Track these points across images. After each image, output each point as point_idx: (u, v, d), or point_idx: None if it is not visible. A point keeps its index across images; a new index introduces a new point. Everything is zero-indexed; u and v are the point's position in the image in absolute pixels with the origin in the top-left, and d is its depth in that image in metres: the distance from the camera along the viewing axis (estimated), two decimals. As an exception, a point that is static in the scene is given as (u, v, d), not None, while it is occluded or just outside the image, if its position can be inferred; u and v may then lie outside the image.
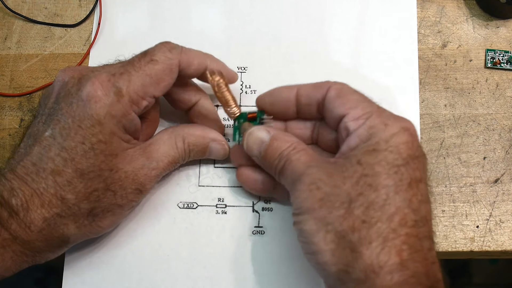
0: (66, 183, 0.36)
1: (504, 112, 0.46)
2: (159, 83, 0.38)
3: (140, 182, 0.38)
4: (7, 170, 0.36)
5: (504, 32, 0.48)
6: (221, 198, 0.44)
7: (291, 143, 0.37)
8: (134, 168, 0.38)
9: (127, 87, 0.37)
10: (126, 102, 0.37)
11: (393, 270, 0.30)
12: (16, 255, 0.36)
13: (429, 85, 0.47)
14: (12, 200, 0.35)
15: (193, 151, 0.41)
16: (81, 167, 0.36)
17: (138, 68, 0.37)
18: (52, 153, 0.36)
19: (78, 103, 0.36)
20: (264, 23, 0.49)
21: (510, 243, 0.43)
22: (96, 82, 0.36)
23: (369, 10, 0.49)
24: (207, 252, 0.42)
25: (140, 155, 0.39)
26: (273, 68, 0.47)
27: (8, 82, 0.48)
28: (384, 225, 0.31)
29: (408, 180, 0.33)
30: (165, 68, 0.38)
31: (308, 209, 0.33)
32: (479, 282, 0.95)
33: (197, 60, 0.40)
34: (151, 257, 0.42)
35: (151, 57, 0.38)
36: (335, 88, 0.38)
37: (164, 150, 0.40)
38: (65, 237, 0.37)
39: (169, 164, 0.40)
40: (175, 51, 0.39)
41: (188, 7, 0.50)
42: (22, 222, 0.35)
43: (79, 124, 0.36)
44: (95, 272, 0.42)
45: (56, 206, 0.36)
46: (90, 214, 0.37)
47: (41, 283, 0.89)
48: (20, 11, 0.50)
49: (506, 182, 0.44)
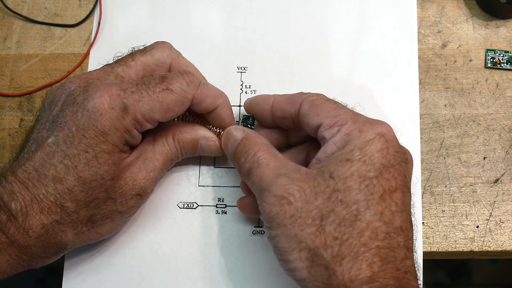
0: (67, 191, 0.36)
1: (504, 112, 0.46)
2: (167, 112, 0.38)
3: (140, 187, 0.38)
4: (8, 172, 0.36)
5: (504, 32, 0.48)
6: (221, 198, 0.44)
7: (261, 145, 0.37)
8: (132, 173, 0.38)
9: (134, 107, 0.36)
10: (130, 120, 0.37)
11: (363, 283, 0.31)
12: (12, 259, 0.36)
13: (429, 85, 0.47)
14: (11, 204, 0.35)
15: (184, 148, 0.41)
16: (83, 176, 0.36)
17: (151, 92, 0.37)
18: (54, 160, 0.36)
19: (83, 113, 0.36)
20: (264, 23, 0.49)
21: (510, 243, 0.43)
22: (105, 94, 0.36)
23: (369, 10, 0.49)
24: (207, 252, 0.42)
25: (135, 159, 0.39)
26: (273, 68, 0.47)
27: (8, 82, 0.48)
28: (355, 240, 0.32)
29: (381, 192, 0.33)
30: (178, 100, 0.38)
31: (279, 225, 0.33)
32: (479, 282, 0.95)
33: (209, 100, 0.40)
34: (151, 257, 0.42)
35: (167, 85, 0.37)
36: (307, 101, 0.38)
37: (157, 149, 0.40)
38: (62, 244, 0.37)
39: (165, 162, 0.40)
40: (192, 86, 0.38)
41: (188, 7, 0.50)
42: (21, 227, 0.35)
43: (83, 133, 0.36)
44: (95, 272, 0.42)
45: (55, 213, 0.36)
46: (89, 221, 0.37)
47: (41, 283, 0.89)
48: (20, 11, 0.50)
49: (506, 182, 0.44)
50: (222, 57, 0.48)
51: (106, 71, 0.39)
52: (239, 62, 0.48)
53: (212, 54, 0.48)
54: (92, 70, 0.40)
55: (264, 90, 0.47)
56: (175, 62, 0.41)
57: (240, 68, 0.48)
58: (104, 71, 0.39)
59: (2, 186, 0.36)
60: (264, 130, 0.42)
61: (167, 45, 0.41)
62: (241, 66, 0.48)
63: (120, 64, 0.39)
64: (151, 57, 0.40)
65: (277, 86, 0.47)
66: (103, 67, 0.40)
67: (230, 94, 0.46)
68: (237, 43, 0.48)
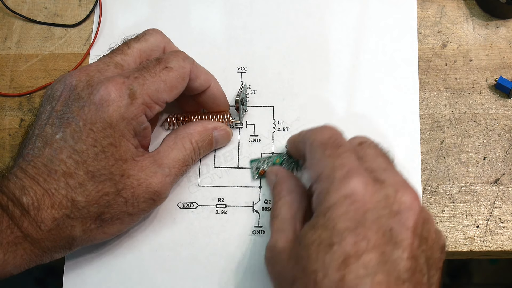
0: (78, 185, 0.36)
1: (504, 112, 0.46)
2: (172, 90, 0.39)
3: (155, 191, 0.38)
4: (16, 169, 0.36)
5: (504, 32, 0.48)
6: (221, 198, 0.44)
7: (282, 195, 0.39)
8: (147, 175, 0.38)
9: (141, 90, 0.37)
10: (139, 104, 0.37)
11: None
12: (26, 253, 0.36)
13: (429, 85, 0.47)
14: (23, 198, 0.35)
15: (202, 147, 0.42)
16: (92, 170, 0.36)
17: (153, 74, 0.38)
18: (63, 156, 0.36)
19: (90, 107, 0.36)
20: (264, 23, 0.49)
21: (510, 243, 0.43)
22: (110, 85, 0.36)
23: (369, 10, 0.49)
24: (207, 252, 0.42)
25: (151, 163, 0.39)
26: (273, 68, 0.47)
27: (8, 82, 0.48)
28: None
29: (342, 257, 0.30)
30: (179, 76, 0.39)
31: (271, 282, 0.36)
32: (479, 282, 0.95)
33: (203, 76, 0.41)
34: (151, 257, 0.42)
35: (165, 64, 0.39)
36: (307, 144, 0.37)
37: (174, 155, 0.40)
38: (71, 239, 0.37)
39: (181, 168, 0.40)
40: (187, 61, 0.40)
41: (188, 7, 0.50)
42: (33, 221, 0.35)
43: (91, 127, 0.36)
44: (95, 272, 0.42)
45: (66, 207, 0.36)
46: (99, 219, 0.37)
47: (41, 283, 0.89)
48: (20, 11, 0.50)
49: (506, 182, 0.44)
50: (222, 57, 0.48)
51: (105, 62, 0.39)
52: (239, 62, 0.48)
53: (212, 54, 0.48)
54: (91, 63, 0.40)
55: (264, 90, 0.47)
56: (168, 47, 0.43)
57: (240, 68, 0.48)
58: (103, 62, 0.39)
59: (12, 182, 0.36)
60: None
61: (158, 31, 0.42)
62: (241, 66, 0.48)
63: (117, 53, 0.40)
64: (145, 42, 0.41)
65: (277, 86, 0.47)
66: (101, 58, 0.40)
67: (230, 94, 0.46)
68: (237, 43, 0.48)
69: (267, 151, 0.45)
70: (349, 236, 0.30)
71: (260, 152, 0.45)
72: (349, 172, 0.32)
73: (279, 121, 0.46)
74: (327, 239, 0.31)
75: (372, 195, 0.32)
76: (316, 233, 0.31)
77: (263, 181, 0.44)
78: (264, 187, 0.44)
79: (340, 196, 0.32)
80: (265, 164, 0.44)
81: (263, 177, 0.44)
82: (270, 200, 0.43)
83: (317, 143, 0.36)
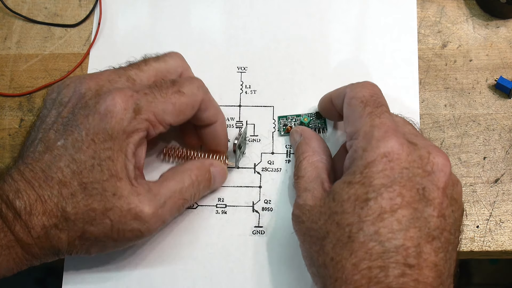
0: (70, 195, 0.35)
1: (504, 112, 0.46)
2: (179, 114, 0.38)
3: (144, 221, 0.36)
4: (14, 170, 0.36)
5: (504, 32, 0.48)
6: (221, 198, 0.44)
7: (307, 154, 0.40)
8: (139, 201, 0.36)
9: (148, 107, 0.37)
10: (143, 120, 0.36)
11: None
12: (18, 257, 0.35)
13: (429, 85, 0.47)
14: (16, 201, 0.35)
15: (201, 182, 0.41)
16: (86, 181, 0.35)
17: (164, 94, 0.37)
18: (62, 163, 0.35)
19: (95, 116, 0.36)
20: (264, 23, 0.49)
21: (510, 243, 0.43)
22: (117, 96, 0.36)
23: (369, 10, 0.49)
24: (207, 252, 0.42)
25: (146, 191, 0.37)
26: (273, 68, 0.47)
27: (8, 82, 0.48)
28: (347, 262, 0.32)
29: (378, 212, 0.32)
30: (189, 103, 0.38)
31: (298, 239, 0.37)
32: (479, 282, 0.95)
33: (213, 110, 0.41)
34: (151, 257, 0.42)
35: (179, 88, 0.38)
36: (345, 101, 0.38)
37: (172, 185, 0.39)
38: (56, 249, 0.36)
39: (177, 200, 0.39)
40: (201, 90, 0.39)
41: (188, 7, 0.50)
42: (25, 225, 0.35)
43: (93, 137, 0.36)
44: (95, 272, 0.42)
45: (56, 216, 0.35)
46: (83, 237, 0.36)
47: (41, 283, 0.89)
48: (20, 11, 0.50)
49: (506, 182, 0.44)
50: (222, 57, 0.48)
51: (118, 73, 0.39)
52: (239, 62, 0.48)
53: (212, 54, 0.48)
54: (104, 70, 0.40)
55: (264, 90, 0.47)
56: (186, 73, 0.42)
57: (240, 68, 0.48)
58: (116, 73, 0.39)
59: (8, 183, 0.36)
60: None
61: (179, 55, 0.42)
62: (241, 66, 0.48)
63: (133, 67, 0.40)
64: (164, 63, 0.40)
65: (277, 86, 0.47)
66: (116, 69, 0.40)
67: (230, 94, 0.46)
68: (237, 43, 0.48)
69: (267, 151, 0.45)
70: (385, 192, 0.32)
71: (260, 152, 0.45)
72: (387, 131, 0.34)
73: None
74: (363, 194, 0.32)
75: (408, 155, 0.33)
76: (352, 189, 0.33)
77: (263, 181, 0.44)
78: (264, 187, 0.44)
79: (378, 154, 0.33)
80: (293, 121, 0.45)
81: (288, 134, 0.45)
82: (270, 200, 0.43)
83: (357, 100, 0.37)
